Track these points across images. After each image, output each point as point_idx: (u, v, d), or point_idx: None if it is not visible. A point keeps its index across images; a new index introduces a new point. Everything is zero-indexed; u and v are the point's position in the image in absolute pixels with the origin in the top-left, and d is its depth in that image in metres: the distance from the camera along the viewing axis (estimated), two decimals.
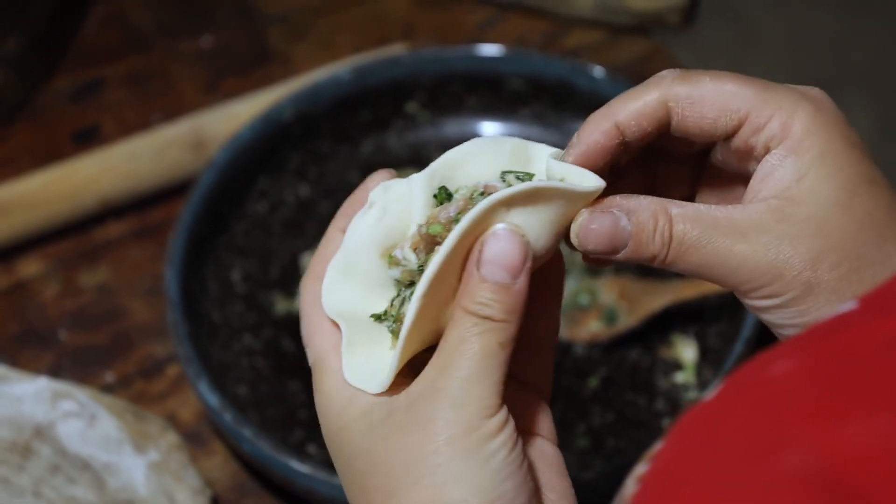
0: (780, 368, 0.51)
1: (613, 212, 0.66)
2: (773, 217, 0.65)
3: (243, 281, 1.16)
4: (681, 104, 0.67)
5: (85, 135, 1.29)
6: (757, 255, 0.65)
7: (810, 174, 0.65)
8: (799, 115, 0.66)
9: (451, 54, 1.23)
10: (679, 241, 0.66)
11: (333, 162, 1.23)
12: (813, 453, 0.47)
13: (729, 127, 0.67)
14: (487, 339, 0.64)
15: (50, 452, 1.01)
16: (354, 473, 0.66)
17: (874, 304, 0.53)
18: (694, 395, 1.08)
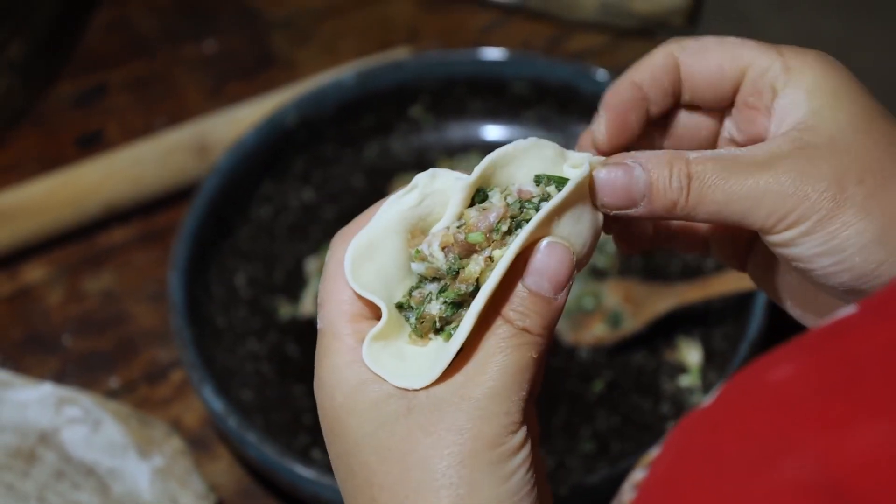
0: (780, 373, 0.50)
1: (627, 162, 0.66)
2: (793, 145, 0.65)
3: (248, 285, 1.16)
4: (688, 53, 0.69)
5: (89, 140, 1.29)
6: (780, 180, 0.64)
7: (825, 108, 0.66)
8: (805, 59, 0.67)
9: (454, 58, 1.23)
10: (699, 180, 0.65)
11: (337, 166, 1.23)
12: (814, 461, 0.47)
13: (735, 73, 0.69)
14: (523, 352, 0.64)
15: (54, 458, 1.01)
16: (359, 464, 0.64)
17: (874, 309, 0.52)
18: (699, 398, 1.07)
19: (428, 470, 0.62)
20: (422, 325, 0.65)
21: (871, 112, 0.66)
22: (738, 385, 0.52)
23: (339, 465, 0.65)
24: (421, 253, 0.65)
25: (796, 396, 0.49)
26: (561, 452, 1.06)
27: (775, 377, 0.50)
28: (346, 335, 0.65)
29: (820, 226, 0.64)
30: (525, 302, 0.64)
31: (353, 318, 0.66)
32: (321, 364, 0.66)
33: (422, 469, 0.62)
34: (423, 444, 0.63)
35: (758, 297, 1.05)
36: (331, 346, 0.66)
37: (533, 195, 0.65)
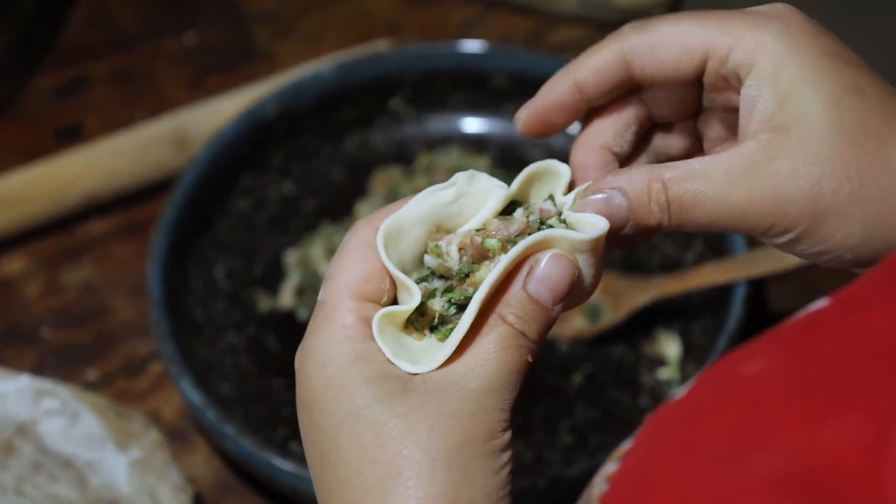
0: (753, 366, 0.50)
1: (605, 191, 0.66)
2: (765, 154, 0.64)
3: (227, 278, 1.16)
4: (638, 54, 0.66)
5: (68, 133, 1.29)
6: (757, 198, 0.64)
7: (792, 97, 0.64)
8: (764, 38, 0.65)
9: (435, 51, 1.23)
10: (678, 203, 0.65)
11: (317, 159, 1.23)
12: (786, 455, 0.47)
13: (692, 66, 0.66)
14: (520, 354, 0.65)
15: (32, 450, 1.01)
16: (349, 437, 0.64)
17: (846, 302, 0.52)
18: (678, 391, 1.07)
19: (425, 451, 0.62)
20: (421, 318, 0.67)
21: (841, 92, 0.64)
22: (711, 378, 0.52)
23: (321, 437, 0.65)
24: (438, 248, 0.67)
25: (769, 390, 0.49)
26: (540, 445, 1.06)
27: (748, 370, 0.50)
28: (347, 311, 0.66)
29: (805, 235, 0.65)
30: (525, 307, 0.65)
31: (358, 296, 0.66)
32: (315, 334, 0.66)
33: (419, 449, 0.62)
34: (421, 425, 0.63)
35: (737, 290, 1.05)
36: (329, 318, 0.66)
37: (552, 214, 0.67)
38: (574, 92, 0.68)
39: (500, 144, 1.23)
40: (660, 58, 0.66)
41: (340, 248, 0.68)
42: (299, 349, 0.67)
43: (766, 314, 1.12)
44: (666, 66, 0.67)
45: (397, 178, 1.19)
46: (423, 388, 0.64)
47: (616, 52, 0.67)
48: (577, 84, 0.68)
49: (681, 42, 0.66)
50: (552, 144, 1.23)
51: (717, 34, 0.66)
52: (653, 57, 0.66)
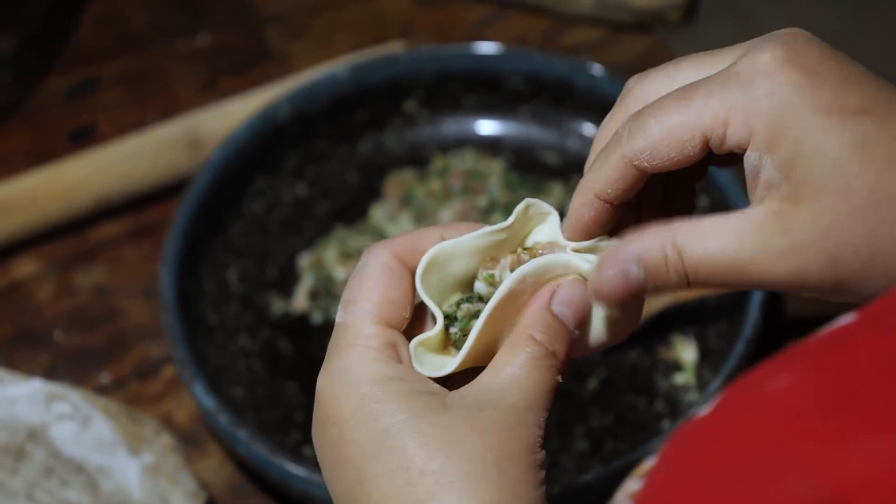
0: (778, 383, 0.50)
1: (620, 268, 0.66)
2: (776, 227, 0.63)
3: (240, 282, 1.16)
4: (643, 158, 0.66)
5: (80, 134, 1.28)
6: (774, 271, 0.64)
7: (795, 168, 0.63)
8: (755, 108, 0.63)
9: (449, 52, 1.22)
10: (694, 273, 0.65)
11: (331, 161, 1.22)
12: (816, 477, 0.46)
13: (696, 151, 0.65)
14: (552, 374, 0.66)
15: (44, 455, 1.00)
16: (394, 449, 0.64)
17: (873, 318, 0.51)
18: (694, 397, 1.07)
19: (475, 460, 0.63)
20: (461, 338, 0.68)
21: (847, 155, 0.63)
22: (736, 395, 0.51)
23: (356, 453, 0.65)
24: (492, 277, 0.68)
25: (796, 409, 0.49)
26: (554, 451, 1.05)
27: (774, 387, 0.50)
28: (373, 334, 0.67)
29: (827, 296, 0.65)
30: (552, 327, 0.67)
31: (380, 320, 0.67)
32: (341, 356, 0.67)
33: (468, 459, 0.63)
34: (469, 436, 0.64)
35: (753, 295, 1.04)
36: (355, 341, 0.67)
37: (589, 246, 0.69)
38: (599, 204, 0.68)
39: (514, 147, 1.23)
40: (663, 156, 0.66)
41: (359, 271, 0.68)
42: (323, 371, 0.67)
43: (783, 319, 1.12)
44: (673, 159, 0.66)
45: (411, 181, 1.19)
46: (463, 402, 0.65)
47: (622, 161, 0.66)
48: (598, 197, 0.68)
49: (676, 136, 0.65)
50: (567, 148, 1.22)
51: (707, 117, 0.64)
52: (656, 157, 0.66)
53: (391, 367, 0.66)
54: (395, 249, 0.69)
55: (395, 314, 0.68)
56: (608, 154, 0.67)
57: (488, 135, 1.23)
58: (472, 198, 1.16)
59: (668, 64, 0.69)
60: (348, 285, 0.69)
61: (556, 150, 1.22)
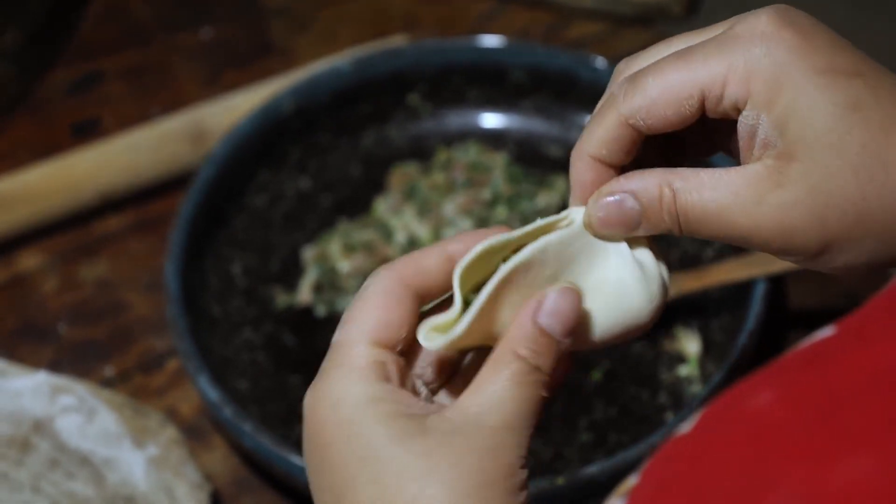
0: (758, 401, 0.50)
1: (617, 196, 0.66)
2: (770, 182, 0.64)
3: (243, 275, 1.16)
4: (639, 117, 0.66)
5: (84, 128, 1.29)
6: (764, 226, 0.65)
7: (790, 126, 0.64)
8: (753, 67, 0.64)
9: (452, 46, 1.23)
10: (685, 217, 0.66)
11: (334, 154, 1.22)
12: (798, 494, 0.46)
13: (692, 111, 0.66)
14: (535, 389, 0.65)
15: (49, 447, 1.00)
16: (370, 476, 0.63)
17: (852, 332, 0.51)
18: (697, 389, 1.07)
19: (447, 490, 0.62)
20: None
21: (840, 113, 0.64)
22: (718, 412, 0.51)
23: (336, 479, 0.65)
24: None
25: (777, 425, 0.49)
26: (558, 443, 1.05)
27: (755, 404, 0.50)
28: (361, 354, 0.66)
29: (814, 258, 0.65)
30: (537, 340, 0.65)
31: (373, 341, 0.66)
32: (329, 374, 0.66)
33: (441, 488, 0.62)
34: (442, 464, 0.63)
35: (757, 287, 1.04)
36: (342, 360, 0.66)
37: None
38: (596, 165, 0.68)
39: (518, 140, 1.23)
40: (659, 115, 0.66)
41: (361, 293, 0.68)
42: (310, 390, 0.67)
43: (786, 311, 1.12)
44: (668, 119, 0.66)
45: (415, 174, 1.19)
46: (441, 427, 0.64)
47: (617, 120, 0.67)
48: (593, 158, 0.68)
49: (674, 94, 0.66)
50: (570, 141, 1.22)
51: (705, 75, 0.65)
52: (652, 116, 0.66)
53: (374, 387, 0.65)
54: (398, 272, 0.68)
55: (389, 335, 0.67)
56: (603, 114, 0.67)
57: (492, 128, 1.24)
58: (476, 190, 1.16)
59: (660, 43, 0.70)
60: (349, 306, 0.68)
61: (559, 143, 1.22)
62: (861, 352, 0.50)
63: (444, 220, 1.15)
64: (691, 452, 0.50)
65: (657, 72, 0.66)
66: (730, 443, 0.49)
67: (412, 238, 1.15)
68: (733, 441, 0.49)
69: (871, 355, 0.49)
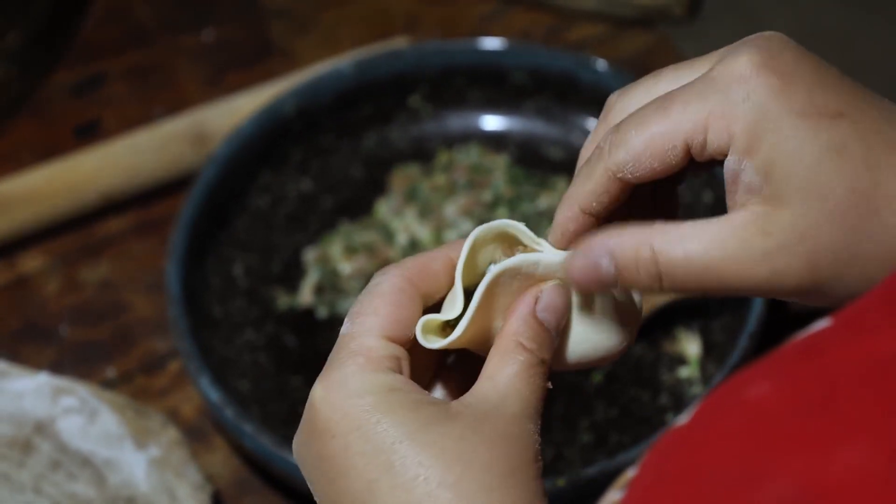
0: (756, 391, 0.50)
1: (592, 260, 0.66)
2: (757, 230, 0.64)
3: (245, 276, 1.16)
4: (627, 170, 0.66)
5: (86, 129, 1.29)
6: (753, 273, 0.64)
7: (775, 172, 0.63)
8: (733, 112, 0.64)
9: (453, 47, 1.23)
10: (668, 274, 0.65)
11: (336, 156, 1.23)
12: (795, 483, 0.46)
13: (679, 159, 0.66)
14: (543, 379, 0.66)
15: (50, 448, 1.01)
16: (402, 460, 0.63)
17: (849, 323, 0.52)
18: (698, 390, 1.07)
19: (490, 471, 0.63)
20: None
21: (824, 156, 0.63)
22: (715, 403, 0.51)
23: (365, 465, 0.64)
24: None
25: (774, 415, 0.49)
26: (559, 444, 1.05)
27: (751, 394, 0.50)
28: (377, 346, 0.66)
29: (805, 299, 0.65)
30: (540, 334, 0.67)
31: (385, 336, 0.67)
32: (343, 365, 0.66)
33: (484, 470, 0.63)
34: (480, 447, 0.63)
35: None
36: (358, 351, 0.66)
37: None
38: (582, 217, 0.68)
39: (519, 142, 1.23)
40: (645, 167, 0.66)
41: (370, 288, 0.68)
42: (321, 381, 0.66)
43: (787, 312, 1.12)
44: (655, 170, 0.66)
45: (416, 176, 1.19)
46: (469, 412, 0.64)
47: (606, 174, 0.67)
48: (584, 210, 0.68)
49: (657, 146, 0.65)
50: (571, 142, 1.22)
51: (686, 124, 0.65)
52: (639, 168, 0.66)
53: (394, 377, 0.66)
54: (406, 272, 0.68)
55: (400, 332, 0.67)
56: (591, 168, 0.67)
57: (493, 130, 1.24)
58: (477, 192, 1.17)
59: (648, 77, 0.69)
60: (357, 300, 0.68)
61: (560, 145, 1.22)
62: (858, 342, 0.50)
63: (446, 222, 1.15)
64: (689, 443, 0.50)
65: (639, 124, 0.66)
66: (727, 433, 0.49)
67: (413, 240, 1.15)
68: (731, 431, 0.49)
69: (868, 345, 0.49)
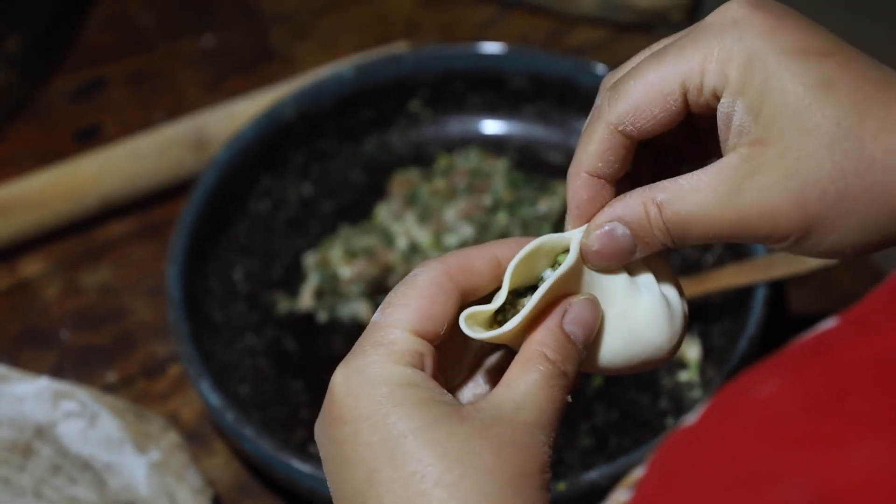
0: (765, 390, 0.50)
1: (606, 227, 0.67)
2: (747, 170, 0.65)
3: (245, 280, 1.16)
4: (627, 122, 0.67)
5: (86, 134, 1.29)
6: (746, 214, 0.65)
7: (763, 110, 0.64)
8: (725, 54, 0.65)
9: (453, 52, 1.23)
10: (674, 225, 0.66)
11: (336, 160, 1.23)
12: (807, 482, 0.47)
13: (679, 106, 0.66)
14: (563, 392, 0.67)
15: (51, 452, 1.01)
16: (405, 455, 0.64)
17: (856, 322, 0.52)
18: (698, 394, 1.07)
19: (490, 476, 0.63)
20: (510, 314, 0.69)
21: (812, 94, 0.64)
22: (723, 403, 0.51)
23: (369, 455, 0.65)
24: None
25: (783, 415, 0.49)
26: (559, 447, 1.05)
27: (760, 394, 0.50)
28: (402, 339, 0.67)
29: (801, 241, 0.66)
30: (565, 346, 0.67)
31: (414, 329, 0.67)
32: (366, 353, 0.66)
33: (484, 474, 0.63)
34: (485, 451, 0.63)
35: (757, 292, 1.05)
36: (383, 341, 0.67)
37: None
38: (593, 182, 0.69)
39: (518, 146, 1.23)
40: (647, 115, 0.67)
41: (408, 279, 0.68)
42: (342, 366, 0.67)
43: (786, 316, 1.12)
44: (657, 117, 0.67)
45: (416, 180, 1.19)
46: (479, 416, 0.65)
47: (607, 130, 0.67)
48: (590, 173, 0.68)
49: (656, 91, 0.66)
50: (571, 147, 1.23)
51: (684, 67, 0.66)
52: (640, 117, 0.67)
53: (412, 372, 0.66)
54: (447, 267, 0.68)
55: (430, 327, 0.67)
56: (592, 128, 0.68)
57: (492, 134, 1.24)
58: (477, 196, 1.17)
59: (640, 52, 0.70)
60: (394, 290, 0.69)
61: (559, 150, 1.22)
62: (865, 341, 0.50)
63: (445, 226, 1.15)
64: (698, 442, 0.50)
65: (637, 74, 0.67)
66: (736, 432, 0.49)
67: (413, 244, 1.15)
68: (740, 430, 0.49)
69: (876, 344, 0.49)
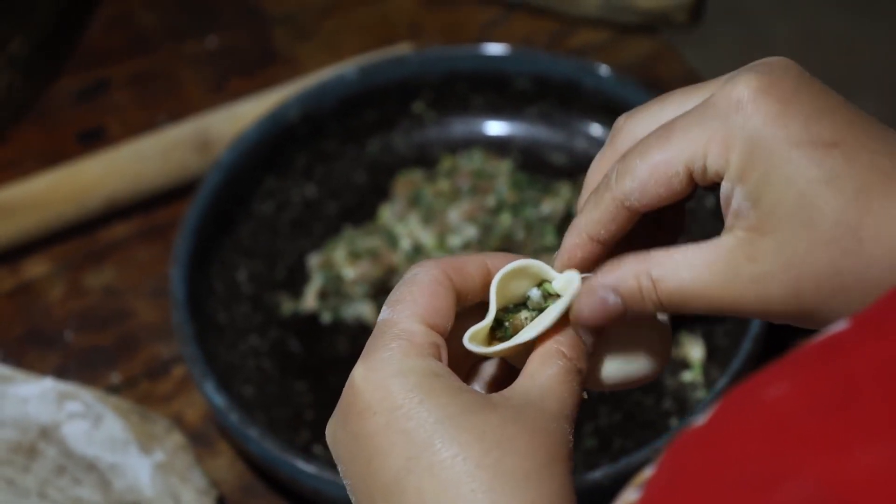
0: (774, 392, 0.50)
1: (598, 293, 0.68)
2: (743, 255, 0.65)
3: (249, 281, 1.16)
4: (633, 198, 0.68)
5: (90, 136, 1.29)
6: (742, 296, 0.66)
7: (762, 200, 0.65)
8: (729, 139, 0.65)
9: (456, 54, 1.23)
10: (668, 299, 0.67)
11: (340, 162, 1.23)
12: (815, 483, 0.47)
13: (684, 185, 0.67)
14: (580, 387, 0.69)
15: (55, 453, 1.01)
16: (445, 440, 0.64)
17: (866, 324, 0.52)
18: (702, 395, 1.07)
19: (529, 458, 0.64)
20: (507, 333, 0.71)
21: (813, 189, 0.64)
22: (732, 404, 0.51)
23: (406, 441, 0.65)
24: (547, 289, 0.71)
25: (792, 416, 0.49)
26: None
27: (770, 395, 0.50)
28: (420, 333, 0.68)
29: (793, 323, 0.67)
30: (578, 345, 0.69)
31: (425, 322, 0.68)
32: (387, 347, 0.67)
33: (523, 457, 0.64)
34: (521, 434, 0.65)
35: None
36: (402, 335, 0.68)
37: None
38: (590, 244, 0.70)
39: (522, 147, 1.23)
40: (652, 194, 0.68)
41: (408, 278, 0.70)
42: (363, 361, 0.67)
43: None
44: (661, 196, 0.68)
45: (420, 182, 1.19)
46: (509, 403, 0.66)
47: (614, 203, 0.69)
48: (591, 239, 0.70)
49: (661, 172, 0.67)
50: (574, 148, 1.23)
51: (687, 150, 0.66)
52: (645, 196, 0.68)
53: (436, 363, 0.67)
54: (445, 266, 0.70)
55: (439, 321, 0.69)
56: (599, 197, 0.69)
57: (496, 135, 1.24)
58: (481, 198, 1.17)
59: (654, 101, 0.71)
60: (395, 289, 0.70)
61: (563, 151, 1.22)
62: (877, 343, 0.50)
63: (449, 227, 1.16)
64: (707, 443, 0.50)
65: (643, 153, 0.68)
66: (746, 433, 0.49)
67: (417, 245, 1.15)
68: (749, 431, 0.49)
69: (886, 347, 0.49)
